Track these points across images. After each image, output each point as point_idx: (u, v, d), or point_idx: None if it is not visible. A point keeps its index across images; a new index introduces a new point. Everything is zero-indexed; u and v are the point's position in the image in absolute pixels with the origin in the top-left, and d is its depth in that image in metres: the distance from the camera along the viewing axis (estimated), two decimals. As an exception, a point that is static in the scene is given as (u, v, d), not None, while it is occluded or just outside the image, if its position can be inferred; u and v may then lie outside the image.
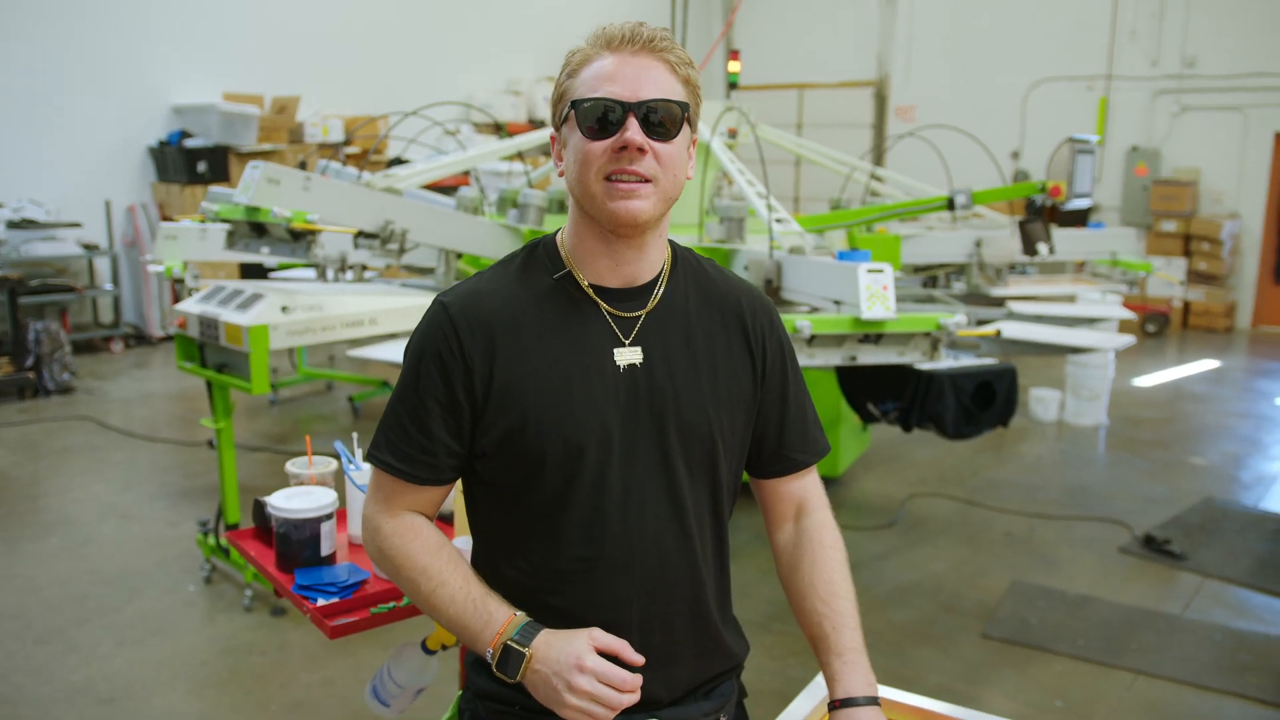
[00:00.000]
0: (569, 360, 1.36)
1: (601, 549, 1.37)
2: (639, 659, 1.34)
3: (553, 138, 1.42)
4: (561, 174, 1.39)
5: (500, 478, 1.40)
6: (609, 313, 1.39)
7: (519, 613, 1.35)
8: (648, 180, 1.31)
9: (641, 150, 1.29)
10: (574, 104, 1.33)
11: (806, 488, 1.56)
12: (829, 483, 5.16)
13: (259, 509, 2.00)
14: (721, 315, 1.46)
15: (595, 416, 1.35)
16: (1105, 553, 4.51)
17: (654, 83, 1.31)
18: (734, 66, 5.58)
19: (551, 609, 1.38)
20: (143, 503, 4.90)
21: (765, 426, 1.50)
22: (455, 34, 10.75)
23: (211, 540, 4.00)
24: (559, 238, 1.44)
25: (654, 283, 1.42)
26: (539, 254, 1.44)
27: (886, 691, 1.45)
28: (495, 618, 1.34)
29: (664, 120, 1.31)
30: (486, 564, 1.46)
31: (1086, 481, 5.52)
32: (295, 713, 3.14)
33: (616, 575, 1.38)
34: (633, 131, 1.29)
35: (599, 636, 1.33)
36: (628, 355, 1.38)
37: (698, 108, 1.37)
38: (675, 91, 1.33)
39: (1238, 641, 3.70)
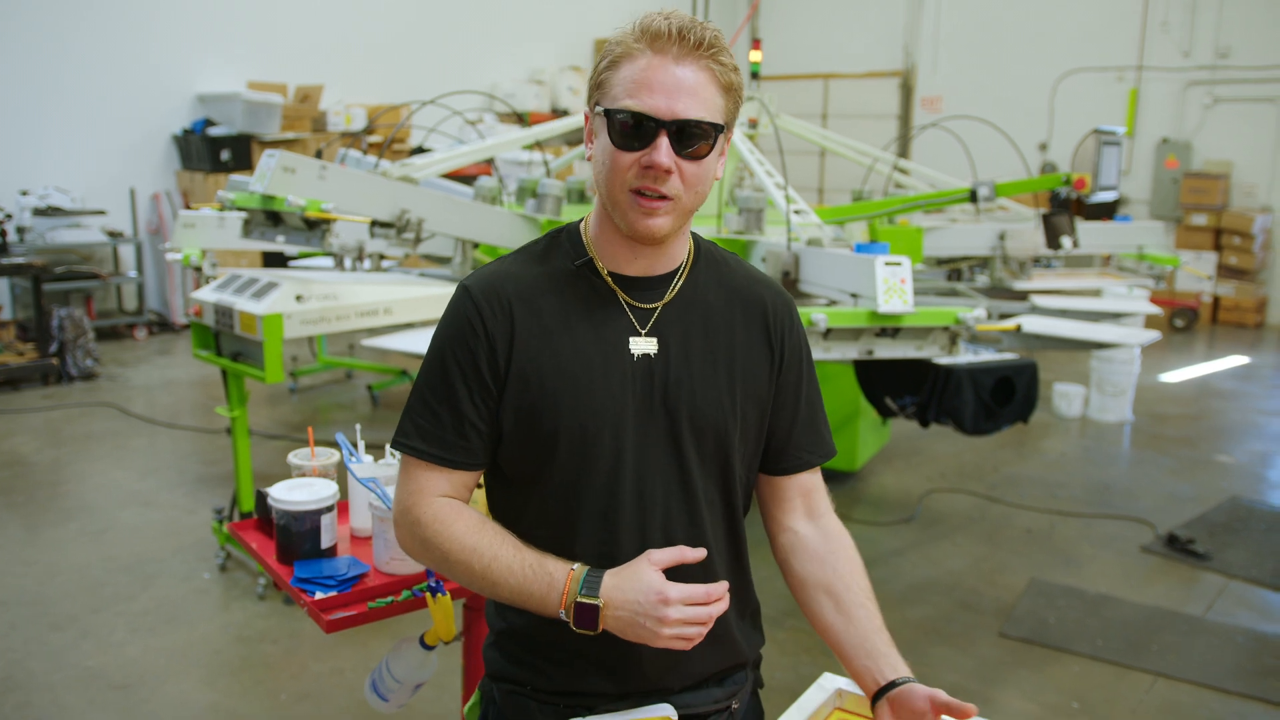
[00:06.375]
0: (587, 347, 1.37)
1: (616, 538, 1.37)
2: (699, 553, 1.34)
3: (586, 116, 1.39)
4: (589, 158, 1.37)
5: (514, 464, 1.40)
6: (627, 302, 1.39)
7: (576, 565, 1.32)
8: (669, 198, 1.30)
9: (669, 171, 1.28)
10: (607, 112, 1.30)
11: (812, 488, 1.54)
12: (847, 477, 5.12)
13: (261, 500, 1.99)
14: (743, 309, 1.46)
15: (611, 404, 1.36)
16: (1127, 551, 4.44)
17: (693, 96, 1.27)
18: (755, 56, 5.53)
19: None
20: (162, 489, 4.93)
21: (777, 422, 1.50)
22: (479, 23, 10.73)
23: (226, 528, 4.01)
24: (583, 225, 1.44)
25: (674, 274, 1.42)
26: (562, 240, 1.44)
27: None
28: (556, 578, 1.31)
29: (695, 139, 1.29)
30: None
31: (1109, 479, 5.44)
32: (304, 702, 3.14)
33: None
34: (662, 153, 1.27)
35: (658, 557, 1.31)
36: (642, 345, 1.38)
37: (737, 110, 1.34)
38: (714, 106, 1.29)
39: (1261, 644, 3.63)
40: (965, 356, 3.71)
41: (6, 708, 3.08)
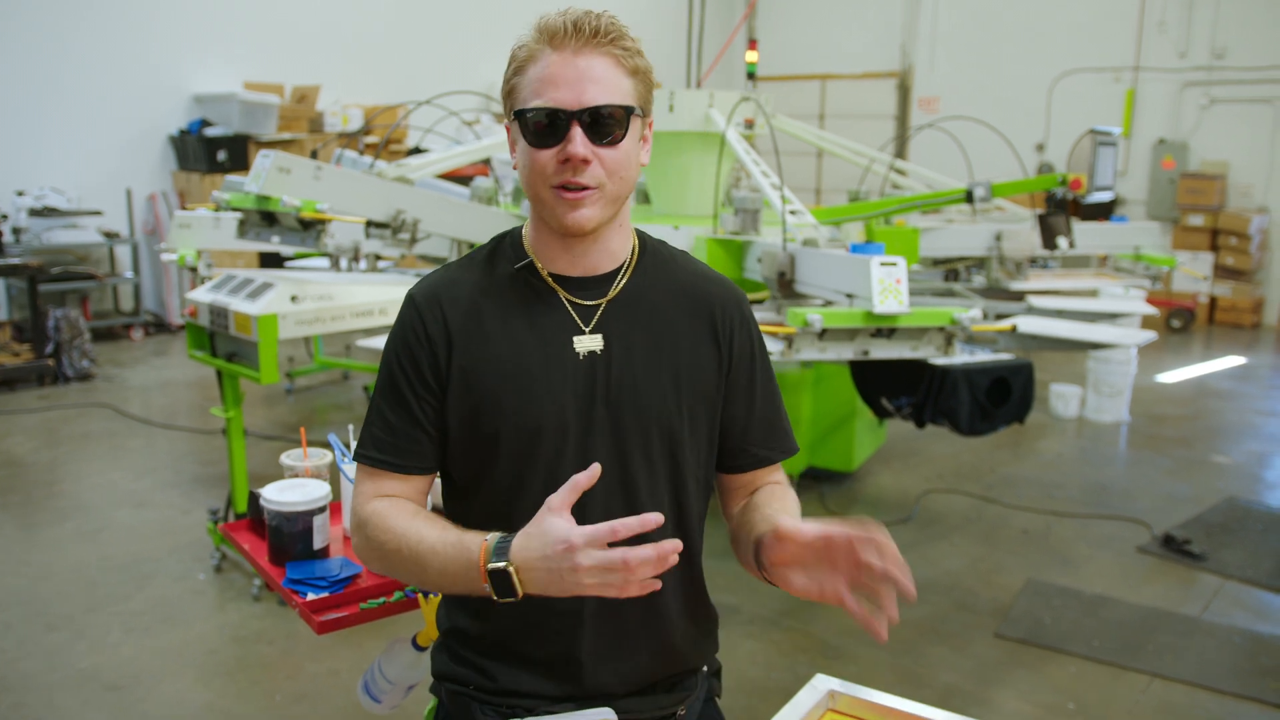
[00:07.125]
0: (529, 348, 1.37)
1: None
2: (593, 472, 1.22)
3: (508, 127, 1.40)
4: (515, 166, 1.38)
5: (459, 465, 1.41)
6: (568, 300, 1.40)
7: (489, 535, 1.26)
8: (593, 188, 1.30)
9: (586, 161, 1.28)
10: (517, 114, 1.32)
11: (770, 482, 1.54)
12: (843, 477, 5.12)
13: (253, 501, 1.99)
14: (689, 306, 1.45)
15: (552, 403, 1.36)
16: (1123, 552, 4.44)
17: (598, 83, 1.28)
18: (751, 56, 5.52)
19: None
20: (157, 490, 4.92)
21: (730, 420, 1.49)
22: (478, 23, 10.72)
23: (220, 529, 4.01)
24: (524, 229, 1.45)
25: (617, 272, 1.42)
26: (505, 245, 1.46)
27: (892, 700, 1.39)
28: (473, 551, 1.25)
29: (609, 125, 1.29)
30: None
31: (1106, 479, 5.44)
32: (300, 703, 3.14)
33: None
34: (577, 143, 1.27)
35: (557, 502, 1.21)
36: (587, 343, 1.38)
37: (649, 93, 1.35)
38: (622, 89, 1.30)
39: (1258, 645, 3.63)
40: (961, 357, 3.71)
41: (2, 708, 3.07)
